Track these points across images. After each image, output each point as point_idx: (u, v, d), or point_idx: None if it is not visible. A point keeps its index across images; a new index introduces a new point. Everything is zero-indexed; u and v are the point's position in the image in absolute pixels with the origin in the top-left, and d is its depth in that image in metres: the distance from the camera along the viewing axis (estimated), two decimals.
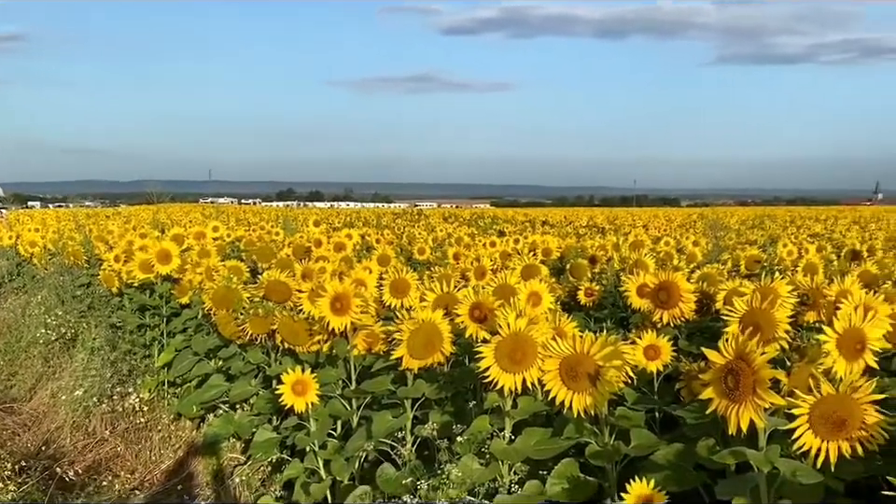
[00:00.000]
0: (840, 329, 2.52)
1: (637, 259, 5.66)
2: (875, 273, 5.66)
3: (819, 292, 3.65)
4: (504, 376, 2.73)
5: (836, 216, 32.83)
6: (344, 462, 3.61)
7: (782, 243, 9.14)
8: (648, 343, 3.25)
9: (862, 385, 2.09)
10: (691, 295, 3.70)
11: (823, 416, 2.07)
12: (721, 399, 2.05)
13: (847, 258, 8.37)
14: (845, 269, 6.44)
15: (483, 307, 3.29)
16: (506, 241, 8.63)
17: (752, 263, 6.45)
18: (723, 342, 2.07)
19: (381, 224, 19.07)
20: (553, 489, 2.70)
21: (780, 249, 8.18)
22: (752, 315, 2.93)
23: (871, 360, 2.54)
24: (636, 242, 8.16)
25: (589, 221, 27.52)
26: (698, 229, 18.36)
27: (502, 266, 6.09)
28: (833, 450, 2.08)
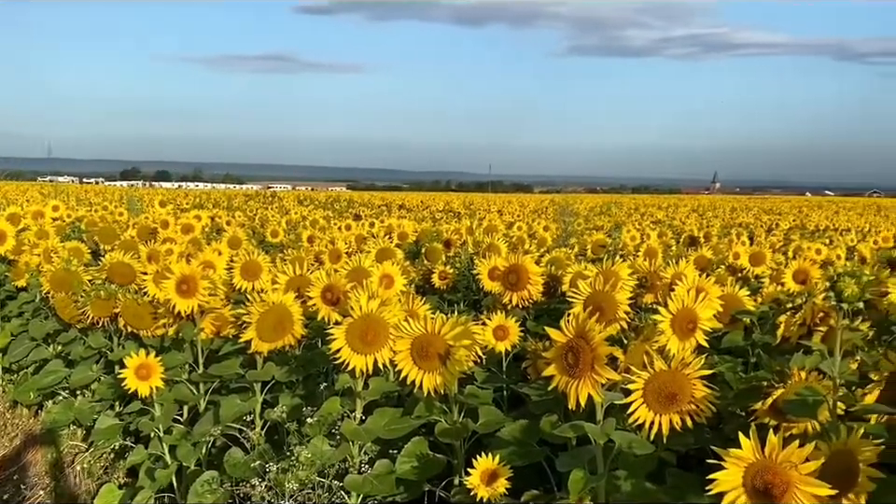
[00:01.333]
0: (674, 309, 2.67)
1: (490, 243, 5.78)
2: (709, 258, 6.02)
3: (657, 275, 3.84)
4: (355, 357, 2.73)
5: (677, 203, 34.58)
6: (191, 447, 3.53)
7: (626, 229, 9.54)
8: (497, 323, 3.33)
9: (692, 362, 2.22)
10: (539, 278, 3.81)
11: (656, 391, 2.18)
12: (562, 376, 2.13)
13: (686, 243, 8.85)
14: (682, 254, 6.80)
15: (336, 289, 3.28)
16: (362, 224, 8.63)
17: (598, 248, 6.70)
18: (564, 321, 2.15)
19: (232, 206, 18.62)
20: (402, 467, 2.74)
21: (624, 235, 8.53)
22: (595, 296, 3.04)
23: (701, 339, 2.70)
24: (489, 226, 8.33)
25: (445, 206, 27.86)
26: (549, 214, 18.91)
27: (357, 249, 6.08)
28: (666, 423, 2.20)
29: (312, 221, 9.45)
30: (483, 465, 2.42)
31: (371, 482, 2.72)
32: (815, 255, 7.51)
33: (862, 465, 1.76)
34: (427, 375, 2.64)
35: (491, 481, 2.42)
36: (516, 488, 2.54)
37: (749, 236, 11.81)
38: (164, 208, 10.19)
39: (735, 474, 1.62)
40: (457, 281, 5.17)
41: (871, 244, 9.51)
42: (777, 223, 19.53)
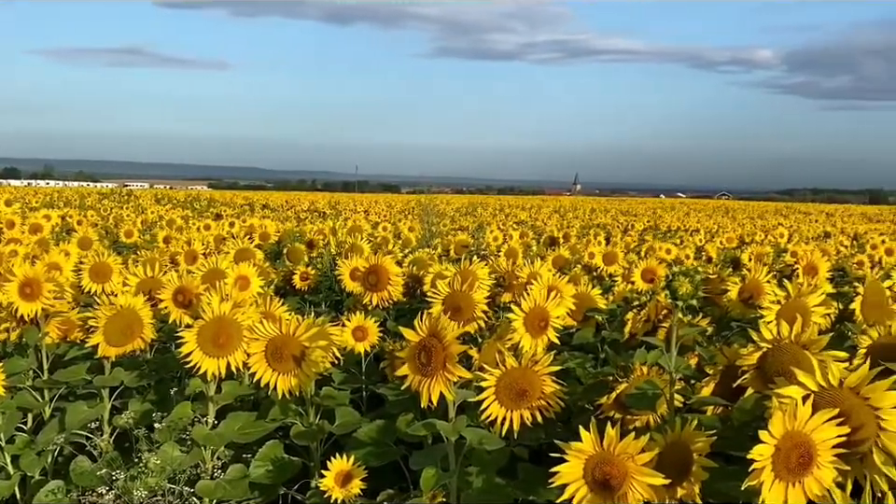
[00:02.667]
0: (526, 308, 2.73)
1: (352, 243, 5.77)
2: (567, 258, 6.20)
3: (514, 275, 3.93)
4: (207, 361, 2.67)
5: (540, 204, 35.48)
6: (35, 456, 3.35)
7: (490, 229, 9.71)
8: (356, 324, 3.32)
9: (542, 359, 2.29)
10: (399, 278, 3.83)
11: (507, 387, 2.24)
12: (416, 375, 2.15)
13: (546, 243, 9.09)
14: (542, 253, 6.99)
15: (188, 292, 3.19)
16: (222, 224, 8.44)
17: (461, 248, 6.80)
18: (418, 320, 2.18)
19: (85, 205, 17.83)
20: (256, 471, 2.70)
21: (488, 235, 8.68)
22: (454, 296, 3.09)
23: (553, 336, 2.77)
24: (354, 227, 8.31)
25: (311, 206, 27.59)
26: (416, 215, 19.04)
27: (217, 250, 5.94)
28: (517, 418, 2.26)
29: (169, 221, 9.17)
30: (337, 466, 2.41)
31: (223, 486, 2.67)
32: (665, 254, 7.86)
33: (696, 455, 1.86)
34: (281, 377, 2.61)
35: (346, 482, 2.41)
36: (374, 488, 2.55)
37: (606, 236, 12.26)
38: (10, 207, 9.64)
39: (576, 467, 1.68)
40: (320, 282, 5.13)
41: (717, 244, 10.05)
42: (633, 224, 20.33)
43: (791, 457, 1.46)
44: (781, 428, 1.46)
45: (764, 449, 1.46)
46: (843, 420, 1.55)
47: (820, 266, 4.51)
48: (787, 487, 1.48)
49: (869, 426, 1.59)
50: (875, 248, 7.74)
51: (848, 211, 36.67)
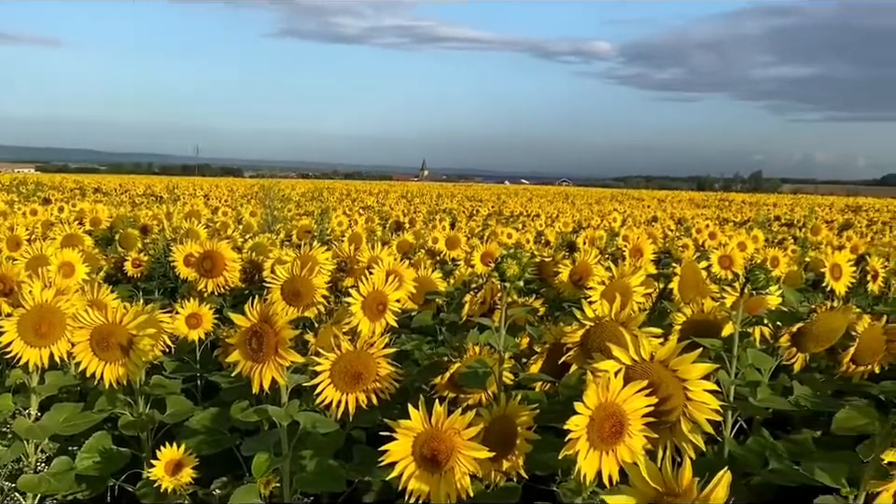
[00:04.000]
0: (365, 291, 2.75)
1: (188, 228, 5.60)
2: (411, 242, 6.27)
3: (355, 259, 3.95)
4: (28, 351, 2.53)
5: (388, 189, 35.55)
6: None
7: (335, 215, 9.66)
8: (189, 311, 3.24)
9: (377, 341, 2.32)
10: (235, 263, 3.76)
11: (342, 371, 2.25)
12: (247, 361, 2.13)
13: (392, 228, 9.15)
14: (388, 238, 7.03)
15: (8, 279, 3.01)
16: (50, 209, 7.99)
17: (303, 233, 6.73)
18: (248, 305, 2.15)
19: None
20: (83, 463, 2.59)
21: (333, 220, 8.64)
22: (293, 281, 3.07)
23: (391, 319, 2.80)
24: (192, 211, 8.07)
25: (147, 190, 26.52)
26: (259, 200, 18.67)
27: (44, 236, 5.62)
28: (352, 401, 2.28)
29: None
30: (167, 455, 2.36)
31: (48, 480, 2.55)
32: (506, 239, 8.09)
33: (520, 429, 1.94)
34: (108, 367, 2.52)
35: (176, 471, 2.36)
36: (209, 477, 2.51)
37: (452, 221, 12.45)
38: None
39: (405, 444, 1.72)
40: (153, 269, 4.95)
41: (556, 228, 10.41)
42: (478, 209, 20.76)
43: (605, 427, 1.55)
44: (595, 400, 1.55)
45: (580, 420, 1.53)
46: (653, 391, 1.65)
47: (646, 248, 4.76)
48: (601, 455, 1.56)
49: (677, 396, 1.70)
50: (699, 232, 8.22)
51: (678, 197, 38.78)
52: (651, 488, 1.32)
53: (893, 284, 5.33)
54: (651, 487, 1.32)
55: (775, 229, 14.68)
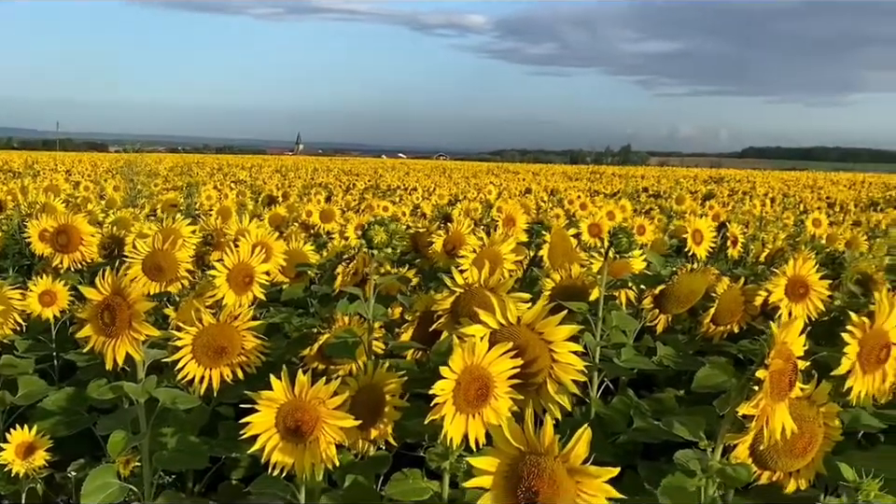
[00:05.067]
0: (230, 263, 2.66)
1: (45, 203, 5.30)
2: (284, 216, 6.16)
3: (222, 232, 3.83)
4: None
5: (262, 164, 34.83)
6: None
7: (205, 189, 9.38)
8: (43, 288, 3.06)
9: (241, 314, 2.24)
10: (93, 238, 3.58)
11: (205, 345, 2.17)
12: (99, 336, 2.02)
13: (265, 202, 8.96)
14: (260, 212, 6.88)
15: None
16: None
17: (168, 207, 6.50)
18: (99, 278, 2.04)
19: None
20: None
21: (202, 194, 8.37)
22: (155, 256, 2.94)
23: (258, 292, 2.73)
24: (50, 186, 7.66)
25: (3, 165, 25.09)
26: (123, 174, 17.96)
27: None
28: (216, 376, 2.20)
29: None
30: (17, 438, 2.22)
31: None
32: (382, 212, 8.05)
33: (388, 396, 1.92)
34: None
35: (28, 454, 2.23)
36: (69, 459, 2.39)
37: (328, 195, 12.31)
38: None
39: (268, 416, 1.67)
40: (7, 246, 4.69)
41: (432, 201, 10.44)
42: (355, 183, 20.61)
43: (471, 390, 1.54)
44: (461, 364, 1.53)
45: (446, 384, 1.52)
46: (520, 354, 1.66)
47: (518, 218, 4.81)
48: (467, 419, 1.56)
49: (543, 358, 1.71)
50: (571, 203, 8.42)
51: (551, 170, 39.51)
52: (514, 448, 1.32)
53: (752, 249, 5.59)
54: (513, 447, 1.32)
55: (643, 200, 15.18)
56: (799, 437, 1.63)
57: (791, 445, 1.64)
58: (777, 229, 7.70)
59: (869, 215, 11.62)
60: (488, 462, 1.33)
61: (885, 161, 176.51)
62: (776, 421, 1.49)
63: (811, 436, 1.65)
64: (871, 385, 2.01)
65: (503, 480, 1.32)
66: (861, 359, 1.96)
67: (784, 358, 1.45)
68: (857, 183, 27.60)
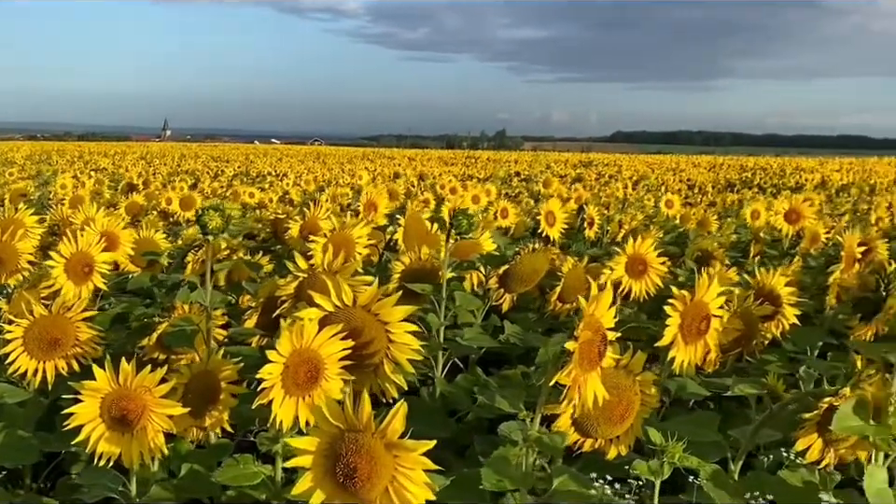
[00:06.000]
0: (67, 252, 2.59)
1: None
2: (142, 204, 6.00)
3: (68, 221, 3.70)
4: None
5: (126, 151, 33.60)
6: None
7: (62, 177, 9.00)
8: None
9: (75, 304, 2.18)
10: None
11: (37, 337, 2.10)
12: None
13: (124, 190, 8.67)
14: (117, 201, 6.67)
15: None
16: None
17: (17, 197, 6.22)
18: None
19: None
20: None
21: (57, 183, 8.05)
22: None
23: (100, 282, 2.65)
24: None
25: None
26: None
27: None
28: (51, 369, 2.13)
29: None
30: None
31: None
32: (249, 198, 7.94)
33: (224, 383, 1.91)
34: None
35: None
36: None
37: (194, 182, 12.02)
38: None
39: (92, 406, 1.64)
40: None
41: (301, 187, 10.35)
42: (224, 170, 20.17)
43: (300, 373, 1.56)
44: (289, 346, 1.55)
45: (273, 368, 1.53)
46: (356, 335, 1.68)
47: (381, 203, 4.84)
48: (297, 402, 1.57)
49: (380, 339, 1.74)
50: (442, 188, 8.53)
51: (427, 155, 39.72)
52: (334, 426, 1.34)
53: (609, 230, 5.80)
54: (333, 426, 1.34)
55: (514, 184, 15.49)
56: (616, 404, 1.73)
57: (610, 413, 1.73)
58: (635, 210, 8.02)
59: (725, 195, 12.24)
60: (308, 442, 1.35)
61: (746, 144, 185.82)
62: (588, 390, 1.57)
63: (628, 403, 1.75)
64: (693, 355, 2.14)
65: (323, 458, 1.34)
66: (683, 331, 2.09)
67: (593, 330, 1.53)
68: (716, 166, 28.96)
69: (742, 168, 26.38)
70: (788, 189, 15.79)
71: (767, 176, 21.23)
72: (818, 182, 17.88)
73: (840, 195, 13.18)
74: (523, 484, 1.57)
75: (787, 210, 4.81)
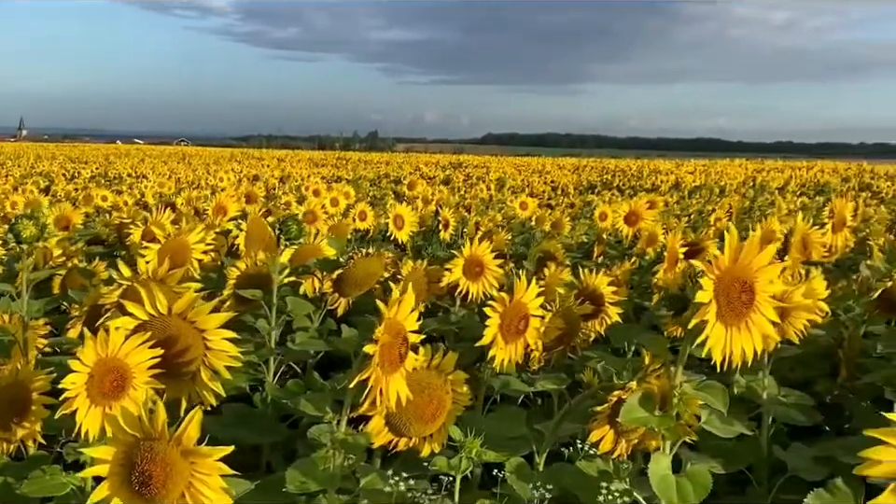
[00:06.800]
0: None
1: None
2: None
3: None
4: None
5: None
6: None
7: None
8: None
9: None
10: None
11: None
12: None
13: None
14: None
15: None
16: None
17: None
18: None
19: None
20: None
21: None
22: None
23: None
24: None
25: None
26: None
27: None
28: None
29: None
30: None
31: None
32: (102, 201, 7.70)
33: (36, 394, 1.88)
34: None
35: None
36: None
37: (47, 185, 11.56)
38: None
39: None
40: None
41: (154, 189, 10.08)
42: (81, 171, 19.43)
43: (105, 382, 1.55)
44: (93, 356, 1.54)
45: (77, 377, 1.52)
46: (171, 343, 1.69)
47: (230, 206, 4.81)
48: (104, 411, 1.57)
49: (197, 347, 1.75)
50: (307, 189, 8.53)
51: (297, 157, 39.26)
52: (130, 435, 1.35)
53: (466, 232, 5.94)
54: (129, 434, 1.35)
55: (383, 185, 15.56)
56: (428, 403, 1.80)
57: (421, 412, 1.80)
58: (495, 212, 8.22)
59: (586, 196, 12.68)
60: (104, 451, 1.36)
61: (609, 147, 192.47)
62: (391, 391, 1.64)
63: (439, 402, 1.82)
64: (513, 354, 2.25)
65: (119, 467, 1.35)
66: (503, 330, 2.19)
67: (393, 333, 1.60)
68: (580, 168, 29.89)
69: (604, 170, 27.29)
70: (644, 190, 16.51)
71: (626, 178, 22.08)
72: (672, 183, 18.75)
73: (692, 196, 13.88)
74: (328, 485, 1.62)
75: (627, 212, 5.05)
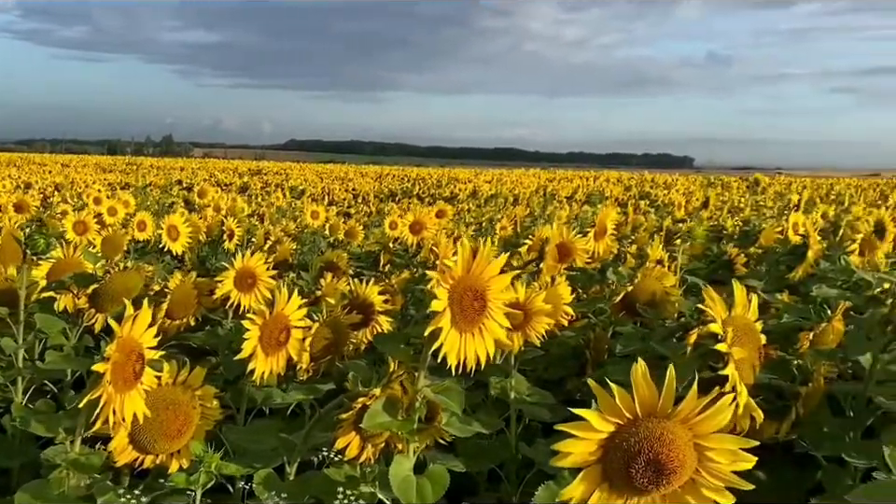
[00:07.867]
0: None
1: None
2: None
3: None
4: None
5: None
6: None
7: None
8: None
9: None
10: None
11: None
12: None
13: None
14: None
15: None
16: None
17: None
18: None
19: None
20: None
21: None
22: None
23: None
24: None
25: None
26: None
27: None
28: None
29: None
30: None
31: None
32: None
33: None
34: None
35: None
36: None
37: None
38: None
39: None
40: None
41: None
42: None
43: None
44: None
45: None
46: None
47: None
48: None
49: None
50: (89, 197, 8.14)
51: (84, 161, 37.18)
52: None
53: (254, 241, 5.85)
54: None
55: (175, 192, 15.03)
56: (174, 420, 1.77)
57: (167, 428, 1.76)
58: (288, 220, 8.17)
59: (386, 205, 12.83)
60: None
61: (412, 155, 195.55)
62: (127, 409, 1.60)
63: (185, 418, 1.79)
64: (275, 365, 2.26)
65: None
66: (263, 343, 2.19)
67: (126, 351, 1.56)
68: (382, 176, 30.22)
69: (405, 178, 27.73)
70: (444, 198, 16.92)
71: (427, 187, 22.55)
72: (471, 192, 19.35)
73: (488, 204, 14.40)
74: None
75: (411, 222, 5.16)
